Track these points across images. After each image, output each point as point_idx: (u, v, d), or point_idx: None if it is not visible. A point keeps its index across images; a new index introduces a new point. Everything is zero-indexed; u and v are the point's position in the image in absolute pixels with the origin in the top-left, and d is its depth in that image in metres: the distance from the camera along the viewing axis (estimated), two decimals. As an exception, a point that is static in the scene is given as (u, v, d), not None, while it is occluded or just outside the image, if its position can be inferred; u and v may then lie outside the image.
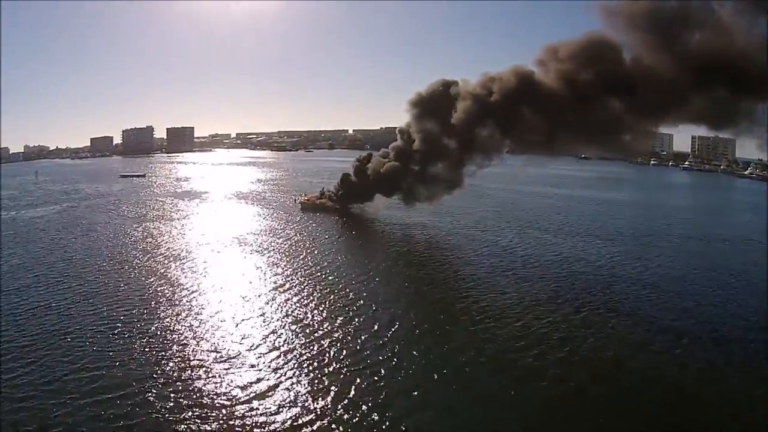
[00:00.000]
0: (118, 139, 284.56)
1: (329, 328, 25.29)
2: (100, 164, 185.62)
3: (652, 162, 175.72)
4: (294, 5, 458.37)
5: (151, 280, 33.18)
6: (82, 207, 68.30)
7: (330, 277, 33.86)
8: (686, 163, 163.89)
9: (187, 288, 31.62)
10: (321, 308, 28.06)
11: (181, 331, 24.79)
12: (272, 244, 43.87)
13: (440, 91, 52.46)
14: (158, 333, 24.59)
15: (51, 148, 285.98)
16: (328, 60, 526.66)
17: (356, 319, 26.42)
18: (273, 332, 24.69)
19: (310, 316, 26.93)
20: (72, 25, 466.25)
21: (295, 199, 70.07)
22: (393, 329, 25.01)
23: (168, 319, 26.34)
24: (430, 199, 54.59)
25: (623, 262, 38.47)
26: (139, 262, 37.89)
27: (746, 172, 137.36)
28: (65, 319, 26.29)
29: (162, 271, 35.28)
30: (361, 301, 29.03)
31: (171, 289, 31.40)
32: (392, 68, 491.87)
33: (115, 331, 24.74)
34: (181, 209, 64.93)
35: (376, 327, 25.40)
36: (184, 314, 27.11)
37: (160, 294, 30.37)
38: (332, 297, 29.85)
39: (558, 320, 26.33)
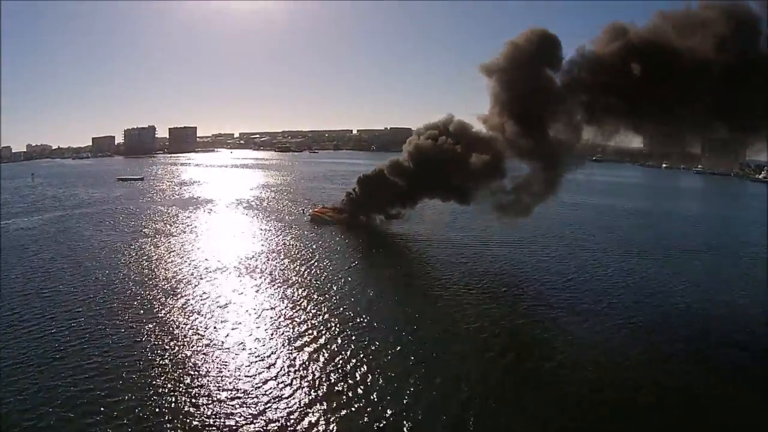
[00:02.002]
0: (120, 139, 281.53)
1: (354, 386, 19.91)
2: (101, 165, 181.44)
3: (663, 165, 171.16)
4: (299, 5, 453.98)
5: (144, 321, 27.56)
6: (74, 217, 63.01)
7: (351, 321, 28.32)
8: (699, 166, 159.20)
9: (185, 331, 26.16)
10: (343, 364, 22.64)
11: (177, 387, 19.43)
12: (282, 272, 38.19)
13: (537, 50, 38.39)
14: (151, 395, 19.25)
15: (53, 148, 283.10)
16: (333, 60, 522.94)
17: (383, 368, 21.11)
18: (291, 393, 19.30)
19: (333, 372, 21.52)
20: (76, 24, 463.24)
21: (303, 210, 64.55)
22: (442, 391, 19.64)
23: (161, 378, 20.94)
24: (534, 205, 43.25)
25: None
26: (130, 292, 32.33)
27: (760, 176, 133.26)
28: (30, 375, 20.89)
29: (156, 308, 29.59)
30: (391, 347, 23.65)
31: (167, 334, 25.90)
32: (396, 68, 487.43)
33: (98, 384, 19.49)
34: (180, 222, 59.38)
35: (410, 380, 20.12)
36: (180, 367, 21.73)
37: (154, 344, 24.85)
38: (355, 347, 24.40)
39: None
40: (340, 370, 22.05)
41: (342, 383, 20.96)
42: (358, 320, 27.74)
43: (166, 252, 43.32)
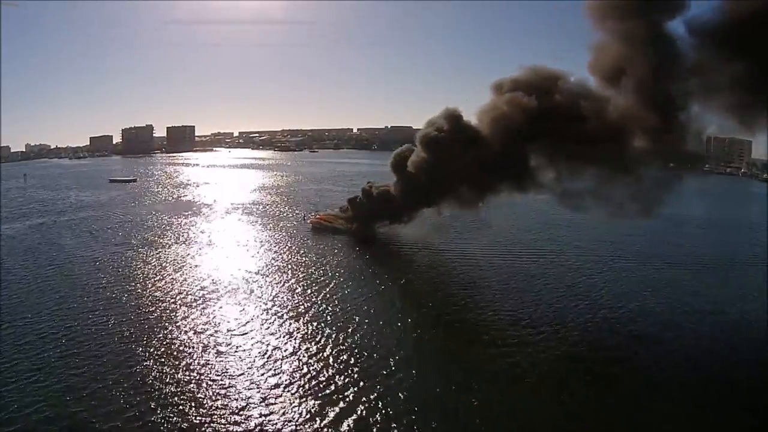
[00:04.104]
0: (118, 138, 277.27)
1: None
2: (96, 165, 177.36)
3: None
4: (298, 4, 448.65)
5: (125, 362, 23.43)
6: (58, 224, 58.82)
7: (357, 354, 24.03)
8: (706, 165, 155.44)
9: (171, 376, 21.94)
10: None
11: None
12: (281, 295, 34.03)
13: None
14: None
15: (51, 147, 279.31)
16: (332, 58, 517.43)
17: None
18: None
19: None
20: (74, 24, 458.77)
21: (304, 216, 60.11)
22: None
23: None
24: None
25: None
26: (110, 321, 28.17)
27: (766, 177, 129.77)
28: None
29: (138, 345, 25.46)
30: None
31: (151, 379, 21.71)
32: (396, 66, 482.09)
33: None
34: (170, 231, 54.83)
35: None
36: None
37: (137, 392, 20.64)
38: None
39: None
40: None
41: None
42: (364, 353, 23.53)
43: (152, 269, 38.86)
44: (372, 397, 20.12)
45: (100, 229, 55.23)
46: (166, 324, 27.63)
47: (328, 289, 33.70)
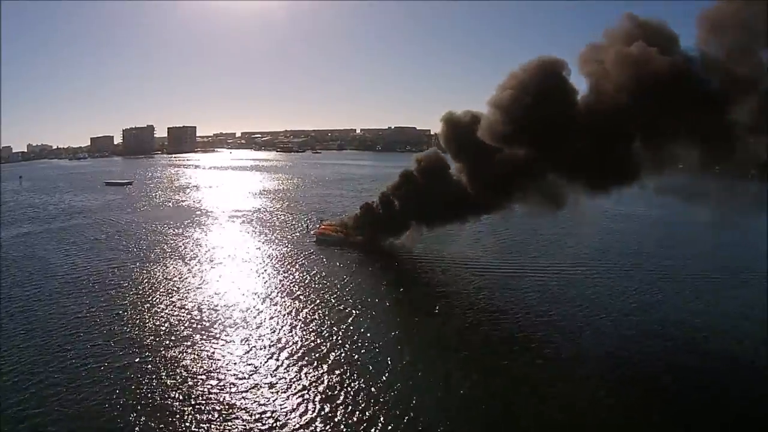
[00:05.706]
0: (119, 139, 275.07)
1: None
2: (96, 167, 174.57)
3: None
4: (300, 5, 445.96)
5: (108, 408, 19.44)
6: (45, 233, 54.91)
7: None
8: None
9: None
10: None
11: None
12: (279, 327, 30.03)
13: None
14: None
15: (53, 148, 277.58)
16: (335, 58, 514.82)
17: None
18: None
19: None
20: (76, 24, 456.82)
21: (307, 226, 55.88)
22: None
23: None
24: None
25: None
26: (83, 353, 24.28)
27: None
28: None
29: (123, 388, 21.50)
30: None
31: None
32: (399, 68, 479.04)
33: None
34: (164, 243, 50.51)
35: None
36: None
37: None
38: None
39: None
40: None
41: None
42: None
43: (141, 292, 34.64)
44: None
45: (89, 241, 51.13)
46: (152, 362, 23.53)
47: (340, 319, 29.48)
